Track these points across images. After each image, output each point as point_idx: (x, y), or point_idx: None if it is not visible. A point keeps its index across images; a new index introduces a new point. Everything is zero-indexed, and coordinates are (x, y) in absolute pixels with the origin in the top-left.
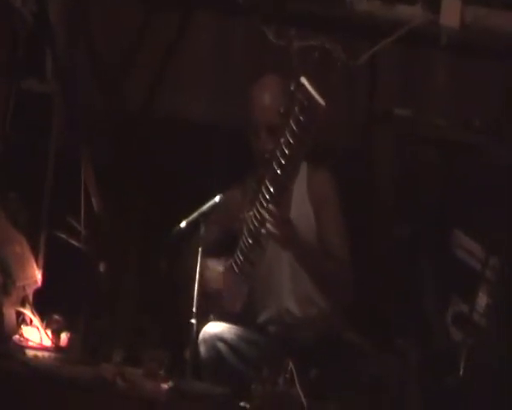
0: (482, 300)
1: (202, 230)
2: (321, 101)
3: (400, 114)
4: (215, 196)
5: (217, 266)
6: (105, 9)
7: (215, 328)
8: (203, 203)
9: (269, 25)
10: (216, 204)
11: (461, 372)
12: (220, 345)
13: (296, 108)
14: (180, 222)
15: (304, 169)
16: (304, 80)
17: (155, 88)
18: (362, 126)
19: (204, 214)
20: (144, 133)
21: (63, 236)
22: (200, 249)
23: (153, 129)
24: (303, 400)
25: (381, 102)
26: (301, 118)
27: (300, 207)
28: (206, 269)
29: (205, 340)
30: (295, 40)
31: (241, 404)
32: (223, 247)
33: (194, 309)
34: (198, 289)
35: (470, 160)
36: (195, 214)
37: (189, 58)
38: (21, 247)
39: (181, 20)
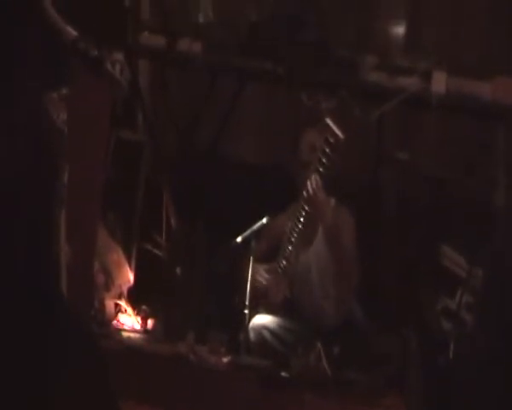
0: (466, 300)
1: (253, 243)
2: (340, 134)
3: (400, 158)
4: (262, 219)
5: (264, 270)
6: (180, 78)
7: (261, 319)
8: (254, 224)
9: (302, 91)
10: (263, 224)
11: (450, 354)
12: (265, 332)
13: (323, 142)
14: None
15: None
16: (328, 121)
17: (218, 136)
18: (372, 167)
19: (254, 232)
20: (211, 169)
21: (149, 247)
22: (251, 258)
23: (217, 167)
24: (328, 370)
25: (386, 148)
26: (326, 149)
27: None
28: (257, 272)
29: (253, 328)
30: (322, 101)
31: (282, 374)
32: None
33: (247, 303)
34: (250, 288)
35: (452, 191)
36: (248, 232)
37: (244, 116)
38: (118, 255)
39: (237, 87)
